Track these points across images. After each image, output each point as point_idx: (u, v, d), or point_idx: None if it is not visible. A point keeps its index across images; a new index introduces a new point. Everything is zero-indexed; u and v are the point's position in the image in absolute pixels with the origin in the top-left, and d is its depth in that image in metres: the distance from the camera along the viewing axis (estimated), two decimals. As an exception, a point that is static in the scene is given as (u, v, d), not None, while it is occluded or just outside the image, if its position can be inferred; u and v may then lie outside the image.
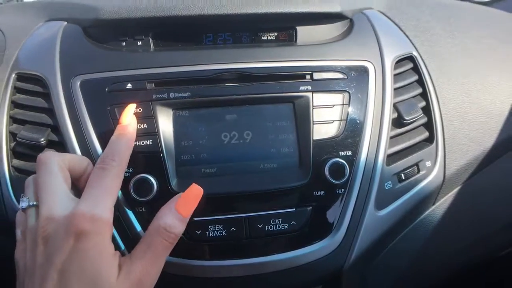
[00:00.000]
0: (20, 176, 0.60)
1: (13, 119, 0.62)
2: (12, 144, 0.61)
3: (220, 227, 0.55)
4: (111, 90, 0.59)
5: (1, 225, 0.60)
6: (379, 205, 0.61)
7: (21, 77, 0.64)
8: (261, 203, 0.57)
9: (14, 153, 0.61)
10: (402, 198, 0.63)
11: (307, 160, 0.58)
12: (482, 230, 0.76)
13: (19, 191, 0.59)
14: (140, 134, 0.56)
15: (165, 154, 0.56)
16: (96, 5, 0.66)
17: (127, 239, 0.56)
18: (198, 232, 0.55)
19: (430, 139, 0.67)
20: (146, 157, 0.56)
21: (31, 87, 0.63)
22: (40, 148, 0.59)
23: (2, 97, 0.63)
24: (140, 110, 0.57)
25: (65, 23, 0.70)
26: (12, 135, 0.61)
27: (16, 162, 0.61)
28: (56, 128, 0.59)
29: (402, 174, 0.63)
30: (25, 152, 0.60)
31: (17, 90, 0.64)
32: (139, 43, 0.66)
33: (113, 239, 0.55)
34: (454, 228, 0.72)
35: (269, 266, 0.57)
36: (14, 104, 0.63)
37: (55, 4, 0.77)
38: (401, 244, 0.68)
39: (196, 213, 0.54)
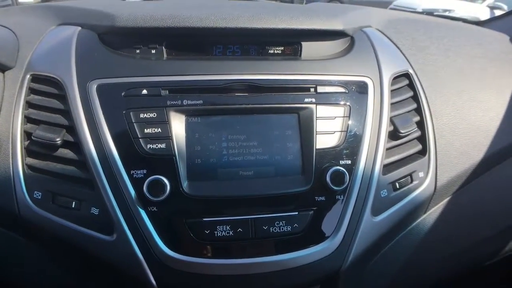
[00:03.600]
0: (33, 174, 0.65)
1: (27, 119, 0.67)
2: (26, 143, 0.66)
3: (227, 227, 0.61)
4: (127, 95, 0.65)
5: (14, 222, 0.65)
6: (375, 212, 0.68)
7: (35, 79, 0.69)
8: (266, 207, 0.63)
9: (28, 151, 0.66)
10: (397, 205, 0.70)
11: (310, 167, 0.65)
12: (469, 240, 0.83)
13: (32, 188, 0.64)
14: (154, 138, 0.62)
15: (177, 157, 0.62)
16: (113, 13, 0.72)
17: (139, 238, 0.61)
18: (207, 232, 0.61)
19: (423, 152, 0.75)
20: (159, 160, 0.62)
21: (46, 88, 0.68)
22: (55, 148, 0.64)
23: (17, 97, 0.68)
24: (154, 115, 0.63)
25: (79, 28, 0.75)
26: (26, 134, 0.66)
27: (29, 160, 0.65)
28: (72, 128, 0.64)
29: (397, 183, 0.70)
30: (39, 151, 0.65)
31: (31, 91, 0.69)
32: (153, 51, 0.72)
33: (125, 238, 0.61)
34: (443, 236, 0.79)
35: (272, 265, 0.63)
36: (29, 104, 0.68)
37: (68, 8, 0.82)
38: (394, 249, 0.75)
39: (205, 214, 0.61)
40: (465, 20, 1.30)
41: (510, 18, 1.21)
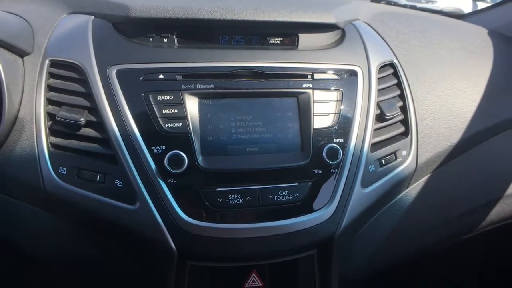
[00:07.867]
0: (58, 152, 0.75)
1: (49, 101, 0.77)
2: (49, 123, 0.77)
3: (238, 196, 0.75)
4: (145, 79, 0.77)
5: (39, 197, 0.76)
6: (364, 184, 0.82)
7: (54, 64, 0.80)
8: (271, 178, 0.77)
9: (51, 131, 0.76)
10: (383, 179, 0.85)
11: (308, 144, 0.79)
12: (447, 214, 1.00)
13: (57, 165, 0.75)
14: (172, 118, 0.75)
15: (192, 135, 0.75)
16: (126, 3, 0.84)
17: (160, 207, 0.74)
18: (220, 200, 0.74)
19: (406, 133, 0.90)
20: (177, 137, 0.74)
21: (67, 73, 0.79)
22: (78, 127, 0.76)
23: (37, 81, 0.78)
24: (171, 97, 0.76)
25: (93, 17, 0.87)
26: (49, 115, 0.77)
27: (53, 139, 0.76)
28: (94, 110, 0.75)
29: (383, 160, 0.85)
30: (62, 130, 0.76)
31: (51, 75, 0.79)
32: (165, 40, 0.85)
33: (147, 207, 0.74)
34: (424, 209, 0.96)
35: (276, 229, 0.77)
36: (49, 88, 0.78)
37: None
38: (380, 219, 0.90)
39: (218, 184, 0.74)
40: (447, 13, 1.46)
41: (491, 12, 1.38)
